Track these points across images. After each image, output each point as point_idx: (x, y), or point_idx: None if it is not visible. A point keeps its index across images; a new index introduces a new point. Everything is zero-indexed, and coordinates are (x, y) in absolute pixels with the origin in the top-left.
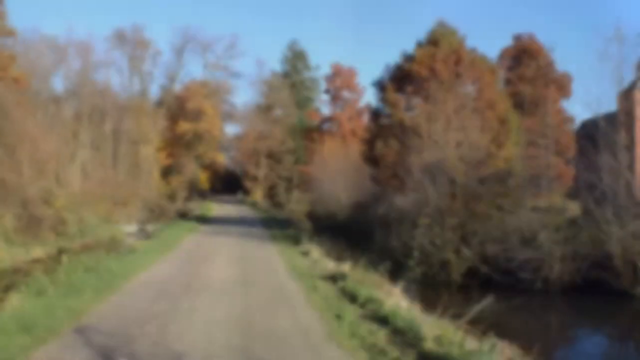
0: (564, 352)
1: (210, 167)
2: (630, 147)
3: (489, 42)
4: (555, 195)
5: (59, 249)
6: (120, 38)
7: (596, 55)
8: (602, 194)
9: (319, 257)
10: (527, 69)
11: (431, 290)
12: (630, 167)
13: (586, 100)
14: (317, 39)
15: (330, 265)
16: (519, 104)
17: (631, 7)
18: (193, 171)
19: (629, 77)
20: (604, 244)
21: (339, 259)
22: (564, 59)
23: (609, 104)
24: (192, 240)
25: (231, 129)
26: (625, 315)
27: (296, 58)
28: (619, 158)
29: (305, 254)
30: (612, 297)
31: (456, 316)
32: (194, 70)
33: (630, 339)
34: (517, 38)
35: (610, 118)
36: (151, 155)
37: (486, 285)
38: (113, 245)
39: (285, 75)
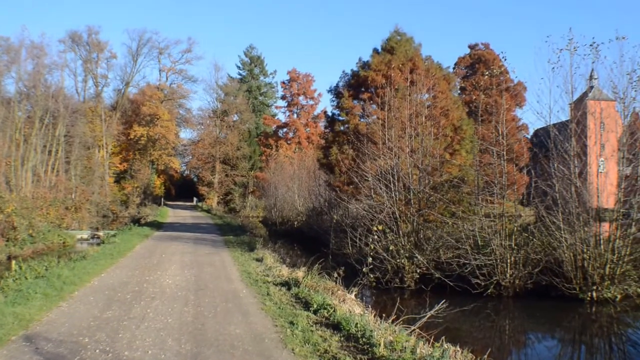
0: (517, 357)
1: (165, 173)
2: (581, 155)
3: (445, 50)
4: (508, 202)
5: (8, 255)
6: (74, 40)
7: (548, 66)
8: (553, 201)
9: (273, 263)
10: (481, 77)
11: (385, 296)
12: (581, 174)
13: (538, 109)
14: (275, 44)
15: (284, 271)
16: (474, 112)
17: (583, 19)
18: (147, 176)
19: (580, 87)
20: (555, 249)
21: (294, 265)
22: (518, 69)
23: (561, 113)
24: (146, 246)
25: (187, 134)
26: (576, 319)
27: (253, 63)
28: (570, 166)
29: (260, 260)
30: (563, 302)
31: (410, 321)
32: (149, 74)
33: (582, 343)
34: (473, 47)
35: (562, 127)
36: (105, 160)
37: (440, 290)
38: (64, 251)
39: (242, 80)
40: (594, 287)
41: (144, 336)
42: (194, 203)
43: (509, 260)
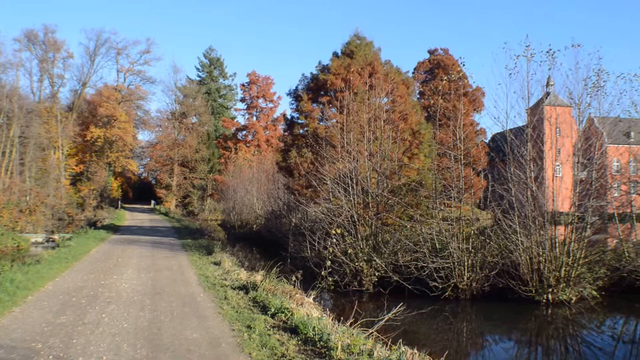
0: (474, 359)
1: (123, 175)
2: (537, 160)
3: (405, 55)
4: (466, 205)
5: None
6: (30, 39)
7: (506, 72)
8: (510, 204)
9: (231, 267)
10: (440, 82)
11: (344, 299)
12: (537, 179)
13: (495, 115)
14: (235, 46)
15: (242, 274)
16: (433, 117)
17: (540, 26)
18: (104, 179)
19: (537, 92)
20: (512, 252)
21: (252, 268)
22: (477, 74)
23: (518, 119)
24: (102, 250)
25: (144, 136)
26: (532, 321)
27: (212, 65)
28: (526, 170)
29: (218, 263)
30: (519, 304)
31: (368, 324)
32: (107, 75)
33: (538, 344)
34: (432, 52)
35: (519, 132)
36: (60, 162)
37: (398, 293)
38: (18, 255)
39: (201, 82)
40: (550, 290)
41: (98, 341)
42: (152, 206)
43: (466, 263)
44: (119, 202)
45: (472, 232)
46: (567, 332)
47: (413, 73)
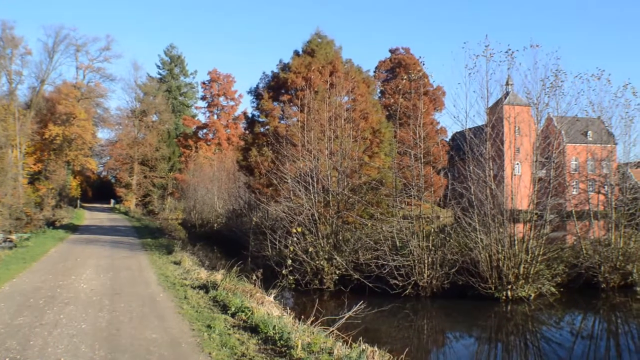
0: (435, 356)
1: (82, 174)
2: (496, 158)
3: (367, 54)
4: (426, 203)
5: None
6: None
7: (465, 71)
8: (469, 202)
9: (191, 266)
10: (401, 81)
11: (305, 298)
12: (496, 177)
13: (455, 114)
14: (196, 44)
15: (202, 274)
16: (394, 115)
17: (500, 26)
18: (63, 177)
19: (496, 92)
20: (472, 250)
21: (213, 267)
22: (439, 74)
23: (477, 118)
24: (61, 250)
25: (104, 134)
26: (492, 317)
27: (173, 63)
28: (485, 169)
29: (178, 263)
30: (479, 301)
31: (329, 323)
32: (66, 72)
33: (498, 341)
34: (394, 51)
35: (479, 131)
36: (18, 160)
37: (359, 291)
38: None
39: (162, 80)
40: (509, 286)
41: (56, 343)
42: (112, 205)
43: (426, 261)
44: (78, 202)
45: (432, 230)
46: (527, 328)
47: (374, 72)
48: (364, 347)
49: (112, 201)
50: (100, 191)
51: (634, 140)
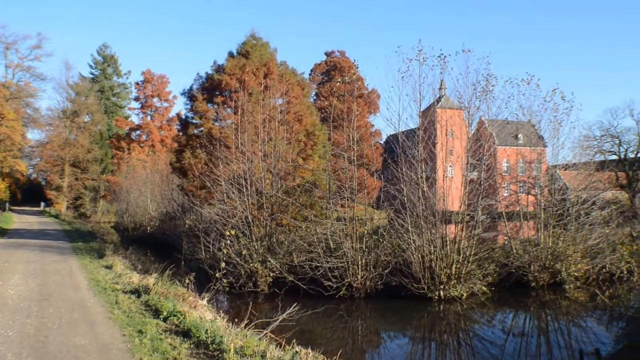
0: (369, 356)
1: (10, 176)
2: (428, 161)
3: (303, 57)
4: (360, 205)
5: None
6: None
7: (398, 75)
8: (402, 204)
9: (123, 270)
10: (336, 84)
11: (239, 301)
12: (429, 179)
13: (388, 117)
14: (130, 44)
15: (134, 278)
16: (329, 118)
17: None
18: None
19: (428, 95)
20: (404, 251)
21: (146, 271)
22: (374, 77)
23: (410, 121)
24: None
25: (34, 135)
26: (425, 317)
27: (106, 63)
28: (417, 171)
29: (109, 267)
30: (412, 301)
31: (263, 326)
32: None
33: (431, 340)
34: (329, 54)
35: (412, 134)
36: None
37: (293, 293)
38: None
39: (94, 80)
40: (442, 286)
41: None
42: (42, 208)
43: (359, 263)
44: (7, 205)
45: (366, 231)
46: (459, 327)
47: (310, 75)
48: (297, 349)
49: (43, 204)
50: (29, 194)
51: (562, 143)
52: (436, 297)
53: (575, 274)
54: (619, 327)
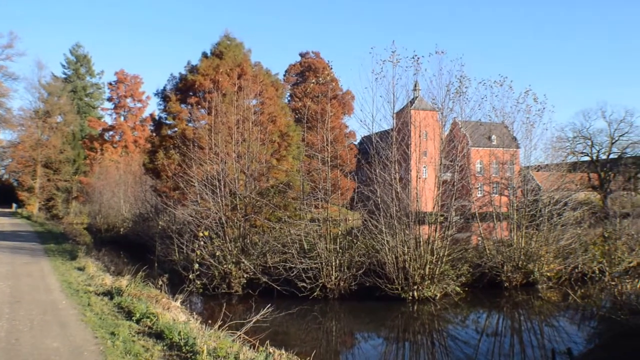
0: (344, 357)
1: None
2: (401, 162)
3: (278, 57)
4: (334, 206)
5: None
6: None
7: (372, 76)
8: (376, 205)
9: (95, 272)
10: (310, 84)
11: (213, 302)
12: (402, 180)
13: (362, 118)
14: (103, 44)
15: (107, 280)
16: (302, 119)
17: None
18: None
19: (402, 97)
20: (378, 252)
21: (119, 273)
22: (349, 79)
23: (384, 122)
24: None
25: (6, 136)
26: (399, 318)
27: (79, 62)
28: (391, 172)
29: (82, 269)
30: (386, 302)
31: (237, 327)
32: None
33: (405, 340)
34: (304, 55)
35: (385, 135)
36: None
37: (267, 295)
38: None
39: (67, 80)
40: (415, 287)
41: None
42: (14, 209)
43: (333, 263)
44: None
45: (340, 232)
46: (433, 327)
47: (284, 75)
48: (271, 350)
49: (14, 205)
50: (0, 195)
51: (535, 144)
52: (410, 298)
53: (548, 274)
54: (590, 327)
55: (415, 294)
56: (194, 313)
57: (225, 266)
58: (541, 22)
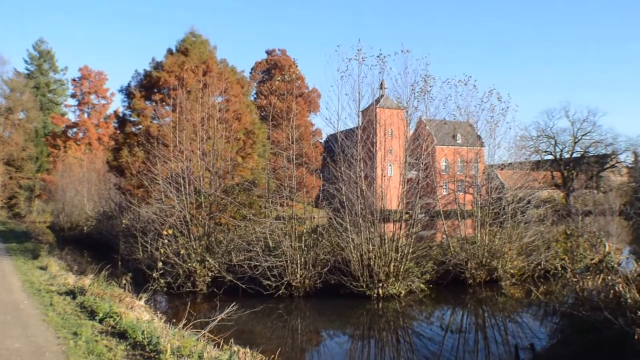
0: (309, 354)
1: None
2: (366, 160)
3: (245, 55)
4: (299, 204)
5: None
6: None
7: (338, 74)
8: (341, 203)
9: (58, 271)
10: (276, 82)
11: (178, 301)
12: (367, 178)
13: (328, 116)
14: (67, 39)
15: (70, 279)
16: (268, 117)
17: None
18: None
19: (367, 95)
20: (343, 249)
21: (82, 272)
22: (313, 76)
23: (349, 120)
24: None
25: None
26: (364, 315)
27: (42, 58)
28: (356, 170)
29: (44, 268)
30: (351, 299)
31: (201, 326)
32: None
33: (371, 337)
34: (270, 52)
35: (350, 133)
36: None
37: (232, 293)
38: None
39: (30, 76)
40: (380, 284)
41: None
42: None
43: (299, 261)
44: None
45: (305, 230)
46: (398, 324)
47: (250, 73)
48: (235, 349)
49: None
50: None
51: (499, 143)
52: (375, 295)
53: (511, 271)
54: (553, 322)
55: (380, 291)
56: (158, 312)
57: (189, 264)
58: (505, 21)
